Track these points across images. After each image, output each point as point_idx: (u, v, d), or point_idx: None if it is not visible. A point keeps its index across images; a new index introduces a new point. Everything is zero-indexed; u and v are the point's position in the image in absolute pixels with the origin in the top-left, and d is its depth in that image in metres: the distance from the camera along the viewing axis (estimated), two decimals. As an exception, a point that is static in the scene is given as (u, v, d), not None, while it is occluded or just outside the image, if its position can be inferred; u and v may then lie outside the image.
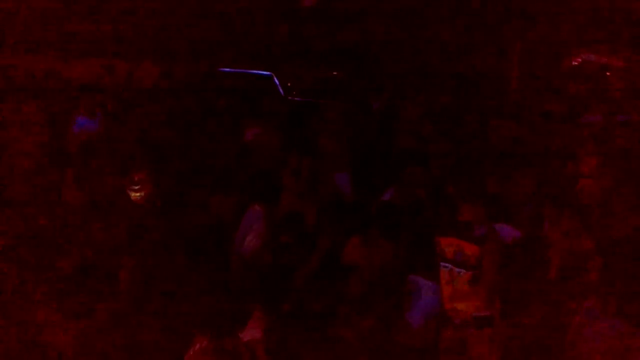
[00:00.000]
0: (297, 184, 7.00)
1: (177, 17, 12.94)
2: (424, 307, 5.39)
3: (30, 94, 9.81)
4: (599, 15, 13.11)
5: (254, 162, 7.62)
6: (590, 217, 6.57)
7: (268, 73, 11.74)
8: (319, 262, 5.79)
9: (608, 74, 13.72)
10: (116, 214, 6.14)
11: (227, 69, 11.80)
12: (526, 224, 6.10)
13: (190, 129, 8.75)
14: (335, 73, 13.14)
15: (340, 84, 12.45)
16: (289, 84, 12.34)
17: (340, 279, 5.73)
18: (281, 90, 11.62)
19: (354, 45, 13.87)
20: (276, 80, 11.63)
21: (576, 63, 13.86)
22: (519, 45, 13.43)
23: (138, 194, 5.72)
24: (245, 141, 8.52)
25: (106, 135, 8.67)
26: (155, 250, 5.55)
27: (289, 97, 11.82)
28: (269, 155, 7.84)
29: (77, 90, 9.86)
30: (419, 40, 13.98)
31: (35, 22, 11.73)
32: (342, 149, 8.43)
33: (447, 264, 5.06)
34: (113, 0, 12.25)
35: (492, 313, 5.02)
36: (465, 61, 13.37)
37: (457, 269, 4.99)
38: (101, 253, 5.94)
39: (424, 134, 8.81)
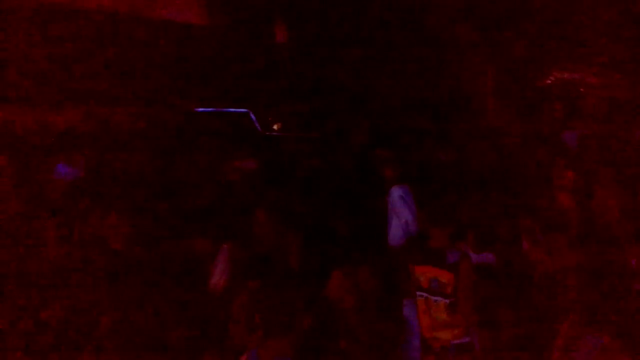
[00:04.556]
0: (272, 219, 6.96)
1: (152, 59, 13.00)
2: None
3: (8, 144, 9.75)
4: (571, 33, 13.33)
5: (233, 199, 7.61)
6: (570, 233, 6.62)
7: (245, 110, 11.78)
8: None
9: (582, 90, 13.88)
10: (97, 263, 6.06)
11: (204, 109, 11.83)
12: (504, 245, 6.13)
13: (168, 170, 8.75)
14: (312, 107, 13.21)
15: (317, 117, 12.52)
16: (268, 119, 12.42)
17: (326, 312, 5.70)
18: (258, 127, 11.67)
19: (329, 78, 13.98)
20: (253, 117, 11.68)
21: (549, 82, 14.02)
22: (492, 68, 13.58)
23: (115, 238, 5.65)
24: (224, 179, 8.53)
25: (87, 181, 8.62)
26: (136, 300, 5.46)
27: (267, 133, 11.88)
28: (248, 193, 7.84)
29: (56, 137, 9.85)
30: (394, 69, 14.11)
31: (11, 73, 11.72)
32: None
33: (422, 293, 5.02)
34: (86, 46, 12.28)
35: (471, 339, 5.01)
36: (439, 87, 13.50)
37: (433, 298, 4.96)
38: (82, 305, 5.85)
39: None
